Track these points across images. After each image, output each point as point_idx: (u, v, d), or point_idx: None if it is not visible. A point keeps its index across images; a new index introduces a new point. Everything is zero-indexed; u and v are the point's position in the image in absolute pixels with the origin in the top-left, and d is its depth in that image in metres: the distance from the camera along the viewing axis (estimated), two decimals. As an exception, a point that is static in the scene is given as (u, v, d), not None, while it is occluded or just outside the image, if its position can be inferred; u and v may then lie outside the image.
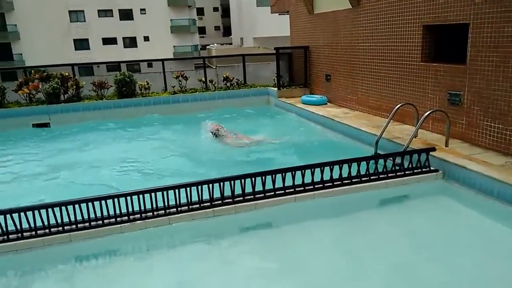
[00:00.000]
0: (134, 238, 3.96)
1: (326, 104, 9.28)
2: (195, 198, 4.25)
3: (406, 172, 4.91)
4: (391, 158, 5.07)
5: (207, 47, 44.46)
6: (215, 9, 58.24)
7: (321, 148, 6.99)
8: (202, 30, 52.58)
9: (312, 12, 9.62)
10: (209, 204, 4.27)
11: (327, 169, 4.63)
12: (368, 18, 7.50)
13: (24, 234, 3.77)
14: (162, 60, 11.21)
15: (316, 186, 4.60)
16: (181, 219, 4.13)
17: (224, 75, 11.18)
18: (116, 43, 40.41)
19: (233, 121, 9.46)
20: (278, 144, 7.10)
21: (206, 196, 4.29)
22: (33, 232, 3.79)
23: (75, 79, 10.21)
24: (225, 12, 56.00)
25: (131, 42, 40.80)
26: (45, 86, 9.72)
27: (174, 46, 41.57)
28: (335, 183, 4.65)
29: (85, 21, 39.04)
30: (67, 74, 10.16)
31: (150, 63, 32.16)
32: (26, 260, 3.72)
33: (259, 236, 4.22)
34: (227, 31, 56.54)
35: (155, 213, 4.09)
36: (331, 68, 9.18)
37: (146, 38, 40.79)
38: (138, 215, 4.04)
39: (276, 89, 10.52)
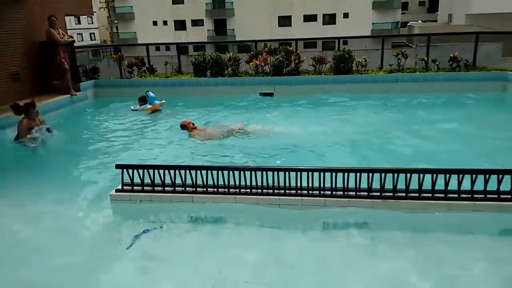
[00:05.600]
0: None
1: None
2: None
3: None
4: None
5: (407, 24, 41.41)
6: (422, -17, 53.45)
7: None
8: (404, 6, 49.04)
9: None
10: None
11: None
12: None
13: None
14: (383, 37, 10.81)
15: None
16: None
17: (452, 55, 10.04)
18: (316, 20, 41.43)
19: (458, 107, 8.51)
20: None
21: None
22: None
23: (298, 53, 10.77)
24: (433, -15, 50.75)
25: (330, 19, 41.19)
26: (272, 59, 10.58)
27: (373, 23, 40.14)
28: None
29: (290, -3, 41.18)
30: (291, 48, 10.81)
31: (345, 40, 31.96)
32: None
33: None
34: (432, 7, 51.33)
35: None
36: None
37: (346, 15, 40.50)
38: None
39: (519, 74, 8.91)
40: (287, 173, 4.12)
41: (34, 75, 9.48)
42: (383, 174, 3.91)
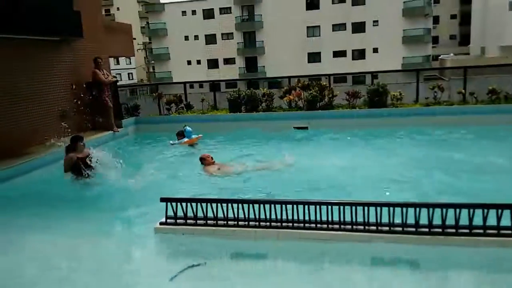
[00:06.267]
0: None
1: None
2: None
3: None
4: None
5: (439, 57, 41.13)
6: (453, 17, 53.27)
7: None
8: (434, 40, 48.91)
9: None
10: None
11: None
12: None
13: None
14: (417, 70, 10.81)
15: None
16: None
17: (490, 87, 9.85)
18: (345, 56, 41.91)
19: (503, 140, 8.22)
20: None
21: None
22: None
23: (331, 88, 10.89)
24: (464, 19, 50.63)
25: (359, 54, 41.57)
26: (305, 94, 10.74)
27: (403, 57, 40.13)
28: None
29: (319, 35, 42.04)
30: (324, 83, 10.97)
31: (376, 74, 32.05)
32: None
33: None
34: (464, 40, 50.95)
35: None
36: None
37: (375, 50, 40.77)
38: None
39: None
40: (329, 207, 4.09)
41: (80, 113, 10.01)
42: (430, 209, 3.81)
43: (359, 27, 40.95)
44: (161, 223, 4.46)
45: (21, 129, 8.31)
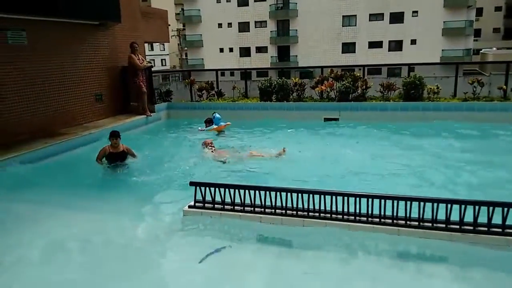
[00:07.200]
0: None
1: None
2: None
3: None
4: None
5: (480, 51, 39.30)
6: (497, 9, 50.64)
7: None
8: (476, 33, 46.73)
9: None
10: None
11: None
12: None
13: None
14: (457, 63, 10.39)
15: None
16: None
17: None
18: (381, 47, 40.75)
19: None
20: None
21: None
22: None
23: (365, 79, 10.66)
24: (510, 11, 48.13)
25: (396, 46, 40.31)
26: (338, 84, 10.57)
27: (442, 50, 38.64)
28: None
29: (355, 25, 41.02)
30: (358, 74, 10.75)
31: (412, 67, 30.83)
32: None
33: None
34: (508, 34, 48.50)
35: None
36: None
37: (413, 41, 39.40)
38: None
39: None
40: (357, 199, 4.05)
41: (115, 96, 10.30)
42: (462, 206, 3.71)
43: (397, 17, 39.56)
44: (189, 206, 4.56)
45: (57, 110, 8.65)
